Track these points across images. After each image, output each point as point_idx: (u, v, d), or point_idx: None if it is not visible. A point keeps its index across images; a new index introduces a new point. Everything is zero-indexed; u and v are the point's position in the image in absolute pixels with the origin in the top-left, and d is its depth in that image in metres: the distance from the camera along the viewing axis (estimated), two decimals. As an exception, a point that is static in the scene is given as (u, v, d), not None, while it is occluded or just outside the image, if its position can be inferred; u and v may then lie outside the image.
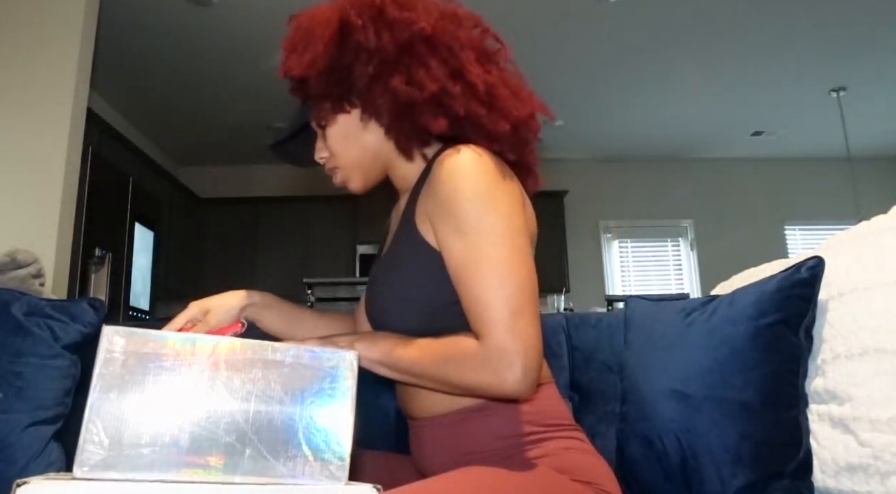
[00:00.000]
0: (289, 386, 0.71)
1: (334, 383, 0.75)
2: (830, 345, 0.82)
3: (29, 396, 1.10)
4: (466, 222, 0.76)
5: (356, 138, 0.92)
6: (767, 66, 4.23)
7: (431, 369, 0.76)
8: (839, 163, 5.32)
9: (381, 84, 0.84)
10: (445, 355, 0.75)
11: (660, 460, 0.93)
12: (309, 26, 0.89)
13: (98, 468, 0.63)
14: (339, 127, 0.92)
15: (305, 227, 5.44)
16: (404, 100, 0.82)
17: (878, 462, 0.72)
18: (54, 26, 2.60)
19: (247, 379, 0.69)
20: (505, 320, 0.72)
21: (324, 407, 0.73)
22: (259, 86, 4.35)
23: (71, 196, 2.53)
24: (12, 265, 1.44)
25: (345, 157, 0.93)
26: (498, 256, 0.75)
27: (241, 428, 0.68)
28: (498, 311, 0.72)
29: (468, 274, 0.75)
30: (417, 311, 0.83)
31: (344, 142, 0.92)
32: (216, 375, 0.68)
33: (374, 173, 0.96)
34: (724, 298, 0.94)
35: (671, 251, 5.96)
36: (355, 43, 0.84)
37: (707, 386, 0.87)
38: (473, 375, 0.73)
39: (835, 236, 0.92)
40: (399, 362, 0.78)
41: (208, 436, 0.67)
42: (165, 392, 0.66)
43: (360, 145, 0.93)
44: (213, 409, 0.67)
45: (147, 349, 0.66)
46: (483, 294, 0.74)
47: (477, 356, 0.72)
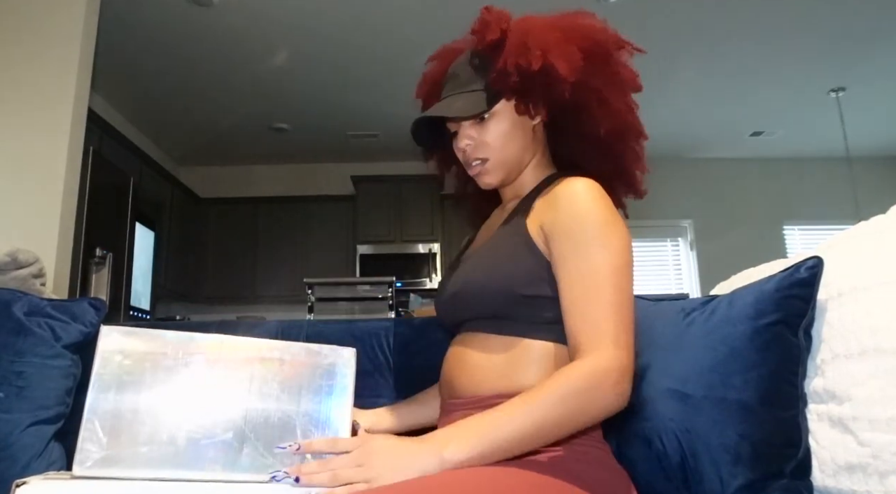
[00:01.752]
0: (286, 383, 0.71)
1: (332, 380, 0.74)
2: (830, 345, 0.82)
3: (30, 396, 1.10)
4: (594, 241, 0.83)
5: (520, 139, 0.98)
6: (767, 66, 4.23)
7: (549, 420, 0.74)
8: (838, 163, 5.32)
9: (599, 106, 0.94)
10: (559, 393, 0.75)
11: (659, 460, 0.93)
12: (570, 32, 0.94)
13: (97, 466, 0.63)
14: (508, 124, 0.96)
15: (305, 227, 5.44)
16: (609, 127, 0.95)
17: (877, 462, 0.72)
18: (55, 27, 2.60)
19: (244, 376, 0.69)
20: (620, 337, 0.79)
21: (322, 404, 0.73)
22: (259, 86, 4.35)
23: (72, 196, 2.53)
24: (13, 265, 1.44)
25: (501, 153, 0.97)
26: (617, 279, 0.82)
27: (239, 426, 0.68)
28: (614, 328, 0.79)
29: (588, 287, 0.81)
30: (505, 278, 0.88)
31: (506, 139, 0.96)
32: (213, 373, 0.68)
33: (513, 175, 1.01)
34: (724, 298, 0.94)
35: (670, 251, 5.96)
36: (598, 66, 0.93)
37: (706, 386, 0.87)
38: (598, 391, 0.76)
39: (834, 236, 0.93)
40: (505, 440, 0.73)
41: (206, 434, 0.66)
42: (163, 390, 0.66)
43: (520, 146, 0.98)
44: (210, 407, 0.67)
45: (145, 348, 0.66)
46: (602, 309, 0.80)
47: (589, 374, 0.76)
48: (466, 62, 0.98)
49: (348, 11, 3.50)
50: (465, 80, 0.97)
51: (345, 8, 3.47)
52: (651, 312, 1.10)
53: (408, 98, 4.95)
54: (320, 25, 3.63)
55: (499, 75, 0.92)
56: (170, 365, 0.67)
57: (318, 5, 3.44)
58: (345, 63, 4.02)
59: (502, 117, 0.96)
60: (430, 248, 5.35)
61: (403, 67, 3.97)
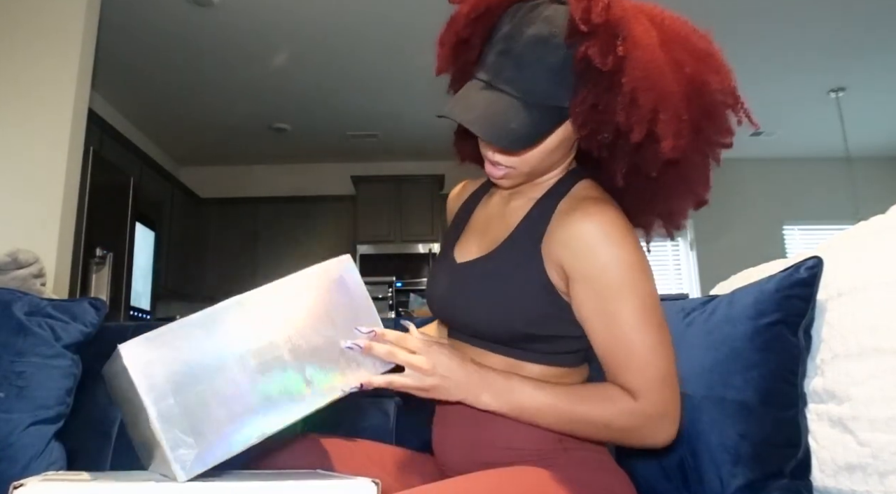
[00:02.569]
0: (312, 310, 0.74)
1: (347, 289, 0.77)
2: (829, 345, 0.82)
3: (30, 395, 1.10)
4: (622, 290, 0.76)
5: (560, 154, 0.84)
6: (767, 66, 4.23)
7: (586, 425, 0.77)
8: (838, 163, 5.32)
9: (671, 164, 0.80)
10: (602, 410, 0.76)
11: (659, 460, 0.93)
12: (692, 86, 0.78)
13: (198, 464, 0.63)
14: (556, 142, 0.81)
15: (305, 227, 5.44)
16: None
17: (876, 462, 0.72)
18: (55, 27, 2.60)
19: (275, 320, 0.71)
20: (667, 377, 0.75)
21: (351, 314, 0.76)
22: (259, 86, 4.35)
23: (72, 196, 2.53)
24: (13, 265, 1.44)
25: (533, 167, 0.83)
26: (650, 319, 0.76)
27: (293, 363, 0.71)
28: (660, 371, 0.75)
29: (625, 336, 0.76)
30: (519, 320, 0.81)
31: (545, 156, 0.82)
32: (246, 329, 0.69)
33: (534, 178, 0.88)
34: (724, 298, 0.94)
35: (670, 251, 5.96)
36: (699, 135, 0.80)
37: (706, 386, 0.87)
38: (636, 431, 0.75)
39: (834, 236, 0.93)
40: (549, 418, 0.77)
41: (270, 383, 0.69)
42: (213, 368, 0.66)
43: (556, 160, 0.84)
44: (260, 359, 0.69)
45: (173, 343, 0.66)
46: (646, 353, 0.75)
47: (640, 413, 0.75)
48: (542, 41, 0.73)
49: (348, 11, 3.50)
50: (530, 74, 0.75)
51: (345, 8, 3.47)
52: (651, 312, 1.09)
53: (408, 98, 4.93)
54: (320, 25, 3.63)
55: (583, 109, 0.74)
56: (204, 342, 0.67)
57: (318, 5, 3.44)
58: (345, 63, 4.02)
59: (553, 136, 0.80)
60: (430, 248, 5.35)
61: (404, 68, 3.97)
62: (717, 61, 0.80)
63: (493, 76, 0.77)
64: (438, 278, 0.93)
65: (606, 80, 0.72)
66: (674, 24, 0.78)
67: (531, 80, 0.75)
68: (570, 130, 0.79)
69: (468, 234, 0.94)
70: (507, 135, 0.74)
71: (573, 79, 0.74)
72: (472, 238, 0.93)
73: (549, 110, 0.76)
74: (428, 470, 0.91)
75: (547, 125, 0.77)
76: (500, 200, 0.93)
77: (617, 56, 0.70)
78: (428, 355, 0.76)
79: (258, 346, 0.69)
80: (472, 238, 0.93)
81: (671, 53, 0.74)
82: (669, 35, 0.76)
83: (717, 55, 0.80)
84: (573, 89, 0.74)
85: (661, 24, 0.77)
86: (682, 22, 0.80)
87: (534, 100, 0.75)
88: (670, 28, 0.77)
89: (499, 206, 0.93)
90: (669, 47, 0.75)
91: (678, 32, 0.78)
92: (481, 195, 1.00)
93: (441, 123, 0.87)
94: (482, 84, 0.77)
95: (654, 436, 0.75)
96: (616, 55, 0.70)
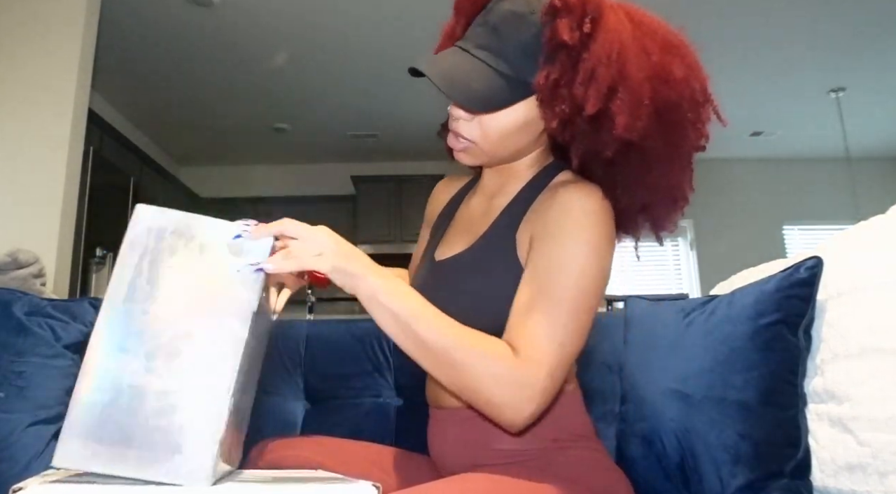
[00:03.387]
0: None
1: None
2: (829, 345, 0.82)
3: (30, 395, 1.10)
4: (571, 261, 0.73)
5: (525, 139, 0.82)
6: (767, 66, 4.23)
7: (455, 350, 0.69)
8: (838, 163, 5.32)
9: (641, 165, 0.79)
10: (481, 349, 0.70)
11: (659, 460, 0.93)
12: (656, 74, 0.77)
13: (219, 472, 0.64)
14: (520, 121, 0.79)
15: (305, 227, 5.44)
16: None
17: (876, 462, 0.72)
18: (55, 27, 2.60)
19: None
20: (555, 366, 0.70)
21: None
22: (259, 86, 4.35)
23: (72, 196, 2.53)
24: (13, 265, 1.44)
25: (494, 147, 0.82)
26: (579, 306, 0.73)
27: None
28: (555, 355, 0.70)
29: (549, 301, 0.72)
30: (494, 314, 0.77)
31: (507, 136, 0.81)
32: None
33: (496, 162, 0.87)
34: (724, 298, 0.94)
35: (671, 251, 5.96)
36: (662, 127, 0.78)
37: (706, 386, 0.87)
38: (500, 385, 0.68)
39: (834, 236, 0.93)
40: (421, 324, 0.70)
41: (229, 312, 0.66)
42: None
43: (521, 146, 0.83)
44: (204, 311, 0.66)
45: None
46: (553, 330, 0.71)
47: (513, 376, 0.68)
48: (519, 16, 0.75)
49: (348, 11, 3.50)
50: (501, 44, 0.76)
51: (345, 8, 3.47)
52: (651, 312, 1.10)
53: (408, 98, 4.94)
54: (320, 25, 3.63)
55: (546, 83, 0.74)
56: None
57: (318, 6, 3.44)
58: (345, 63, 4.02)
59: (516, 112, 0.78)
60: (430, 248, 5.34)
61: (404, 67, 3.96)
62: (687, 56, 0.80)
63: (467, 42, 0.79)
64: (419, 277, 0.93)
65: (573, 56, 0.73)
66: (649, 21, 0.79)
67: (502, 50, 0.76)
68: (537, 113, 0.79)
69: (451, 234, 0.93)
70: (464, 92, 0.74)
71: (542, 57, 0.75)
72: (454, 238, 0.92)
73: (514, 82, 0.76)
74: (428, 471, 0.91)
75: (509, 96, 0.77)
76: (483, 199, 0.92)
77: (583, 33, 0.72)
78: (320, 230, 0.72)
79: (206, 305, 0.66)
80: (454, 238, 0.92)
81: (640, 42, 0.75)
82: (642, 29, 0.77)
83: (688, 51, 0.80)
84: (541, 65, 0.75)
85: (636, 18, 0.78)
86: (658, 21, 0.81)
87: (501, 70, 0.76)
88: (644, 22, 0.78)
89: (481, 205, 0.92)
90: (639, 37, 0.76)
91: (651, 26, 0.78)
92: (464, 194, 0.99)
93: (441, 123, 0.87)
94: (457, 49, 0.79)
95: (509, 402, 0.68)
96: (582, 32, 0.72)
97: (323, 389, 1.28)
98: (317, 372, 1.29)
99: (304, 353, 1.30)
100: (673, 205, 0.85)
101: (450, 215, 0.98)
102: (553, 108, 0.75)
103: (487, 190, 0.92)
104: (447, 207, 1.01)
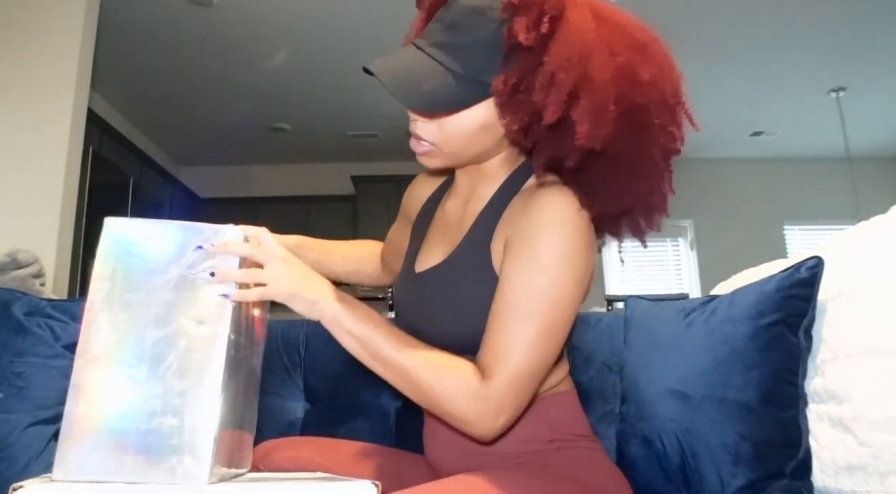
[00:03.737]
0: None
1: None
2: (830, 345, 0.82)
3: (29, 396, 1.10)
4: (541, 272, 0.71)
5: (488, 141, 0.78)
6: (767, 66, 4.23)
7: (418, 371, 0.71)
8: (839, 163, 5.32)
9: (609, 175, 0.75)
10: (442, 366, 0.71)
11: (659, 460, 0.93)
12: (622, 75, 0.72)
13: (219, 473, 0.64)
14: (478, 123, 0.75)
15: (305, 227, 5.43)
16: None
17: (877, 462, 0.72)
18: (55, 27, 2.60)
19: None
20: (522, 378, 0.70)
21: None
22: (259, 86, 4.35)
23: (71, 196, 2.53)
24: (13, 265, 1.44)
25: (455, 149, 0.78)
26: (550, 318, 0.71)
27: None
28: (521, 367, 0.70)
29: (517, 314, 0.71)
30: (476, 326, 0.76)
31: (468, 139, 0.77)
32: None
33: (462, 163, 0.84)
34: (724, 298, 0.94)
35: (671, 251, 5.96)
36: (630, 132, 0.73)
37: (707, 386, 0.87)
38: (460, 403, 0.69)
39: (834, 236, 0.93)
40: (383, 348, 0.71)
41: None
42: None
43: (484, 148, 0.79)
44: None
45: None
46: (520, 343, 0.70)
47: (474, 389, 0.70)
48: (478, 11, 0.71)
49: (348, 11, 3.50)
50: (458, 42, 0.71)
51: (345, 8, 3.47)
52: (651, 312, 1.10)
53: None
54: (320, 25, 3.63)
55: (504, 89, 0.70)
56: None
57: (318, 5, 3.44)
58: (345, 63, 4.02)
59: (475, 113, 0.74)
60: (430, 248, 5.35)
61: (403, 67, 3.96)
62: (657, 55, 0.74)
63: (424, 39, 0.75)
64: (400, 291, 0.91)
65: (532, 59, 0.68)
66: (617, 17, 0.74)
67: (458, 48, 0.71)
68: (493, 115, 0.75)
69: (428, 242, 0.91)
70: (415, 94, 0.70)
71: (501, 56, 0.70)
72: (431, 247, 0.90)
73: (471, 83, 0.71)
74: (427, 472, 0.91)
75: (465, 98, 0.72)
76: (458, 203, 0.90)
77: (541, 33, 0.67)
78: (282, 257, 0.72)
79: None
80: (431, 247, 0.90)
81: (605, 41, 0.70)
82: (608, 26, 0.72)
83: (659, 50, 0.75)
84: (500, 67, 0.70)
85: (602, 14, 0.73)
86: (628, 17, 0.76)
87: (457, 69, 0.71)
88: (611, 19, 0.73)
89: (456, 211, 0.90)
90: (605, 35, 0.71)
91: (619, 23, 0.73)
92: (441, 195, 0.96)
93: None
94: (412, 47, 0.75)
95: (480, 426, 0.70)
96: (540, 32, 0.67)
97: (323, 389, 1.28)
98: (317, 372, 1.29)
99: (304, 353, 1.30)
100: (649, 210, 0.81)
101: (427, 219, 0.96)
102: (512, 115, 0.71)
103: (461, 193, 0.89)
104: (425, 208, 0.99)
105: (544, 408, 0.81)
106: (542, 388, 0.82)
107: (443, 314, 0.80)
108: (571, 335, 1.24)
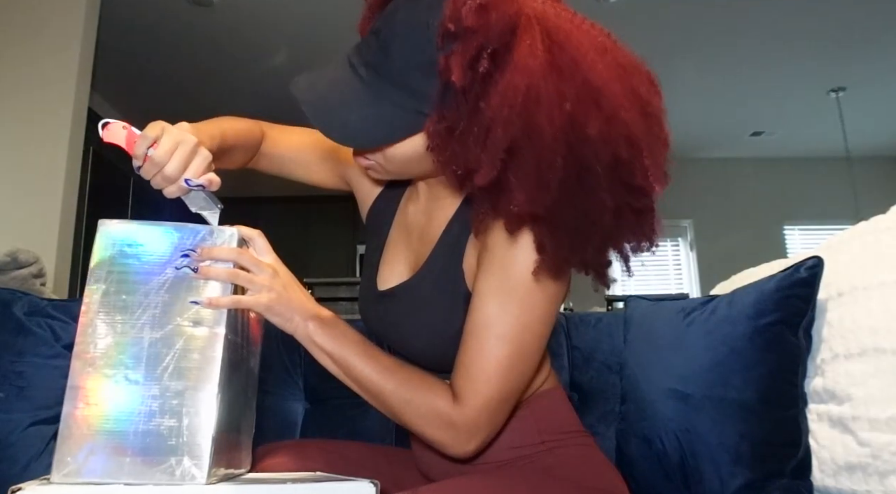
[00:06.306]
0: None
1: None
2: (829, 345, 0.82)
3: (30, 396, 1.10)
4: (513, 292, 0.67)
5: (432, 162, 0.67)
6: (767, 66, 4.23)
7: (392, 394, 0.70)
8: (838, 163, 5.32)
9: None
10: (415, 389, 0.71)
11: (659, 459, 0.93)
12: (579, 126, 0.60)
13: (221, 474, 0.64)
14: (418, 150, 0.67)
15: (305, 227, 5.44)
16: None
17: (876, 462, 0.72)
18: (55, 27, 2.60)
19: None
20: (494, 402, 0.69)
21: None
22: (259, 86, 4.35)
23: (72, 196, 2.53)
24: (13, 265, 1.44)
25: (399, 170, 0.72)
26: (522, 340, 0.69)
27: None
28: (495, 391, 0.69)
29: (490, 336, 0.68)
30: (450, 347, 0.74)
31: (409, 164, 0.70)
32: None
33: (406, 177, 0.77)
34: (724, 298, 0.94)
35: (671, 251, 5.96)
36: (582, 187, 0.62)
37: (706, 386, 0.87)
38: (432, 427, 0.70)
39: (834, 236, 0.93)
40: (357, 369, 0.71)
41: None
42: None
43: (429, 167, 0.70)
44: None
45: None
46: (492, 367, 0.68)
47: (446, 415, 0.69)
48: (415, 29, 0.61)
49: (348, 11, 3.50)
50: (390, 64, 0.62)
51: (345, 8, 3.47)
52: (651, 312, 1.10)
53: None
54: (320, 25, 3.63)
55: (435, 131, 0.61)
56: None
57: (318, 5, 3.44)
58: (345, 63, 4.02)
59: (414, 143, 0.66)
60: (430, 248, 5.34)
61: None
62: (612, 99, 0.59)
63: (355, 54, 0.67)
64: (365, 307, 0.87)
65: (471, 101, 0.58)
66: (575, 44, 0.59)
67: (392, 72, 0.62)
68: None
69: (390, 251, 0.85)
70: (340, 128, 0.64)
71: (438, 88, 0.60)
72: (394, 258, 0.84)
73: (403, 114, 0.63)
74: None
75: (396, 131, 0.64)
76: (420, 208, 0.82)
77: (478, 73, 0.56)
78: (272, 268, 0.71)
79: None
80: (394, 258, 0.84)
81: (556, 81, 0.57)
82: (562, 60, 0.58)
83: (612, 93, 0.59)
84: (434, 102, 0.61)
85: (558, 39, 0.59)
86: (590, 41, 0.61)
87: (390, 97, 0.62)
88: (568, 44, 0.59)
89: (419, 217, 0.83)
90: (558, 73, 0.58)
91: (574, 54, 0.59)
92: (395, 198, 0.89)
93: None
94: (346, 63, 0.67)
95: (453, 448, 0.70)
96: (477, 72, 0.56)
97: (323, 389, 1.28)
98: (317, 372, 1.29)
99: (304, 353, 1.30)
100: (606, 269, 0.70)
101: (385, 222, 0.89)
102: (443, 164, 0.63)
103: (422, 197, 0.82)
104: (379, 206, 0.92)
105: (531, 411, 0.80)
106: (525, 393, 0.80)
107: (417, 335, 0.78)
108: (570, 335, 1.25)
